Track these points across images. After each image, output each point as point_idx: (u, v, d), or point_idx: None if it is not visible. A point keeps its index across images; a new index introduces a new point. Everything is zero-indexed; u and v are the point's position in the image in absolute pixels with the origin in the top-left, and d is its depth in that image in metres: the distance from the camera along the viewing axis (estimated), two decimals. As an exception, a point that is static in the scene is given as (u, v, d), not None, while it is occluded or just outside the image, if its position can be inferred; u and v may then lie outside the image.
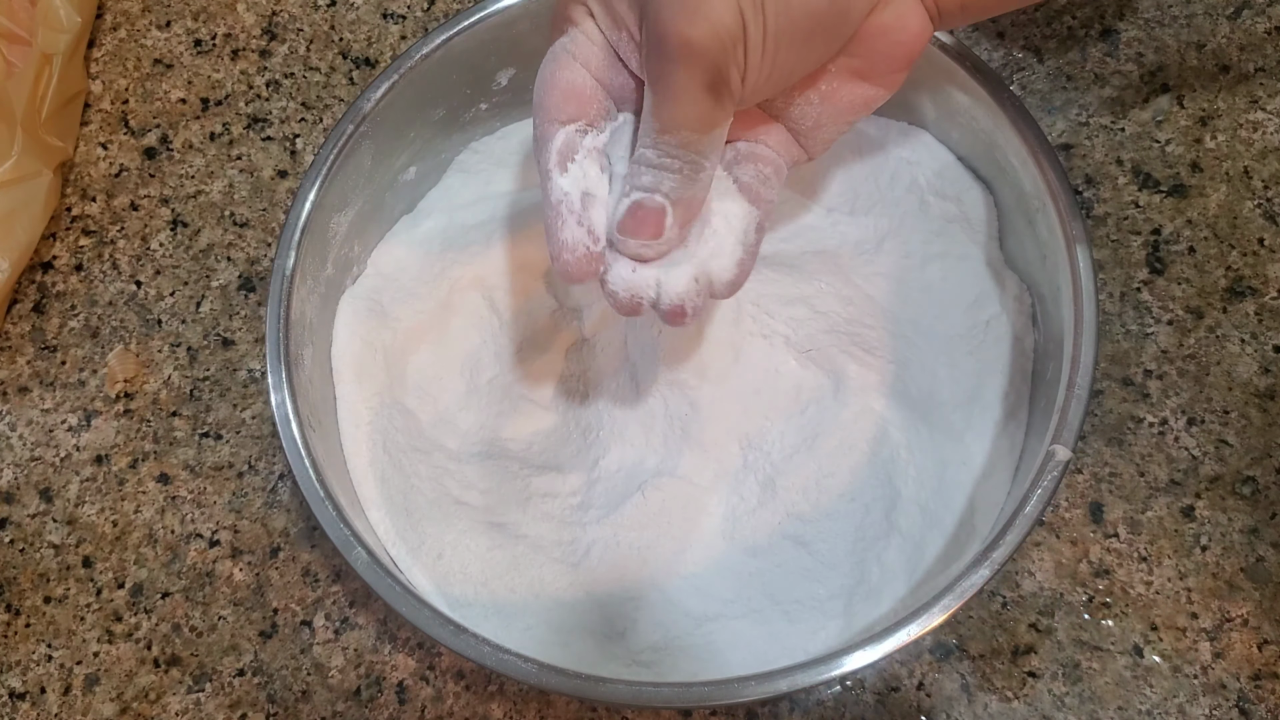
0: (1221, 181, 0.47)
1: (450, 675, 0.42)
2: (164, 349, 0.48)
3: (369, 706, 0.42)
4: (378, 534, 0.42)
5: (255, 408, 0.47)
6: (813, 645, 0.39)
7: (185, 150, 0.51)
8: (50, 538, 0.45)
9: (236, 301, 0.48)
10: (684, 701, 0.36)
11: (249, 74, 0.52)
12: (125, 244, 0.50)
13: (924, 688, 0.41)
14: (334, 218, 0.43)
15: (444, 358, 0.45)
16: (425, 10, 0.53)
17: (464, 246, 0.46)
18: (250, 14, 0.53)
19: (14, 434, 0.47)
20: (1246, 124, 0.48)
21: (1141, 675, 0.41)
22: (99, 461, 0.46)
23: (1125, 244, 0.46)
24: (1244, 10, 0.49)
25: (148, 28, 0.54)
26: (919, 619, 0.35)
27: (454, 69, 0.44)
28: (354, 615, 0.43)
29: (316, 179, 0.41)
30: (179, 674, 0.43)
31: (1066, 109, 0.48)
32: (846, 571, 0.40)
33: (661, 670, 0.40)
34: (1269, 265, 0.46)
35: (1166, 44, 0.49)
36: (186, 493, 0.46)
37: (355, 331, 0.44)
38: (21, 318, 0.49)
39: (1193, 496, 0.43)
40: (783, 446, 0.42)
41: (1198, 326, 0.45)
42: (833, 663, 0.35)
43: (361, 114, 0.42)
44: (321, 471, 0.39)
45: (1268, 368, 0.44)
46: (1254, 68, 0.48)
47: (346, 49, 0.52)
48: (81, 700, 0.43)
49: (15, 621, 0.44)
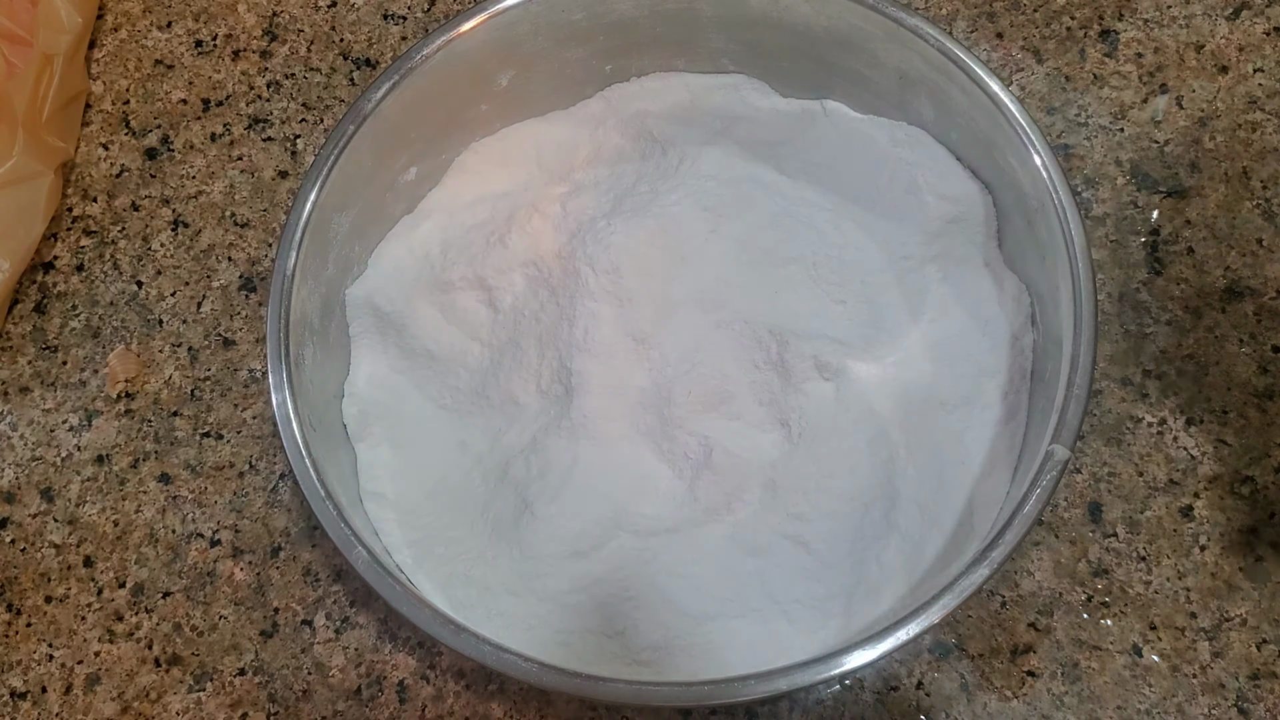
0: (1220, 182, 0.47)
1: (451, 674, 0.42)
2: (165, 349, 0.48)
3: (370, 706, 0.42)
4: (380, 536, 0.42)
5: (256, 407, 0.47)
6: (812, 644, 0.39)
7: (186, 151, 0.51)
8: (51, 537, 0.45)
9: (237, 301, 0.48)
10: (684, 700, 0.36)
11: (250, 75, 0.52)
12: (126, 244, 0.50)
13: (923, 687, 0.41)
14: (335, 218, 0.43)
15: (443, 360, 0.45)
16: (426, 11, 0.53)
17: (464, 247, 0.46)
18: (251, 15, 0.54)
19: (15, 434, 0.47)
20: (1245, 124, 0.48)
21: (1140, 675, 0.41)
22: (100, 461, 0.46)
23: (1124, 244, 0.46)
24: (1243, 11, 0.49)
25: (149, 28, 0.54)
26: (918, 618, 0.35)
27: (454, 70, 0.44)
28: (355, 615, 0.43)
29: (317, 179, 0.41)
30: (180, 673, 0.43)
31: (1065, 109, 0.49)
32: (846, 571, 0.40)
33: (661, 669, 0.40)
34: (1267, 265, 0.46)
35: (1165, 44, 0.49)
36: (187, 492, 0.46)
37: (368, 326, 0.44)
38: (23, 318, 0.49)
39: (1191, 496, 0.43)
40: (783, 446, 0.42)
41: (1196, 326, 0.45)
42: (832, 662, 0.35)
43: (362, 115, 0.42)
44: (322, 471, 0.39)
45: (1266, 367, 0.44)
46: (1252, 68, 0.49)
47: (347, 50, 0.53)
48: (83, 700, 0.43)
49: (16, 621, 0.44)
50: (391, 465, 0.44)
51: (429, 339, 0.45)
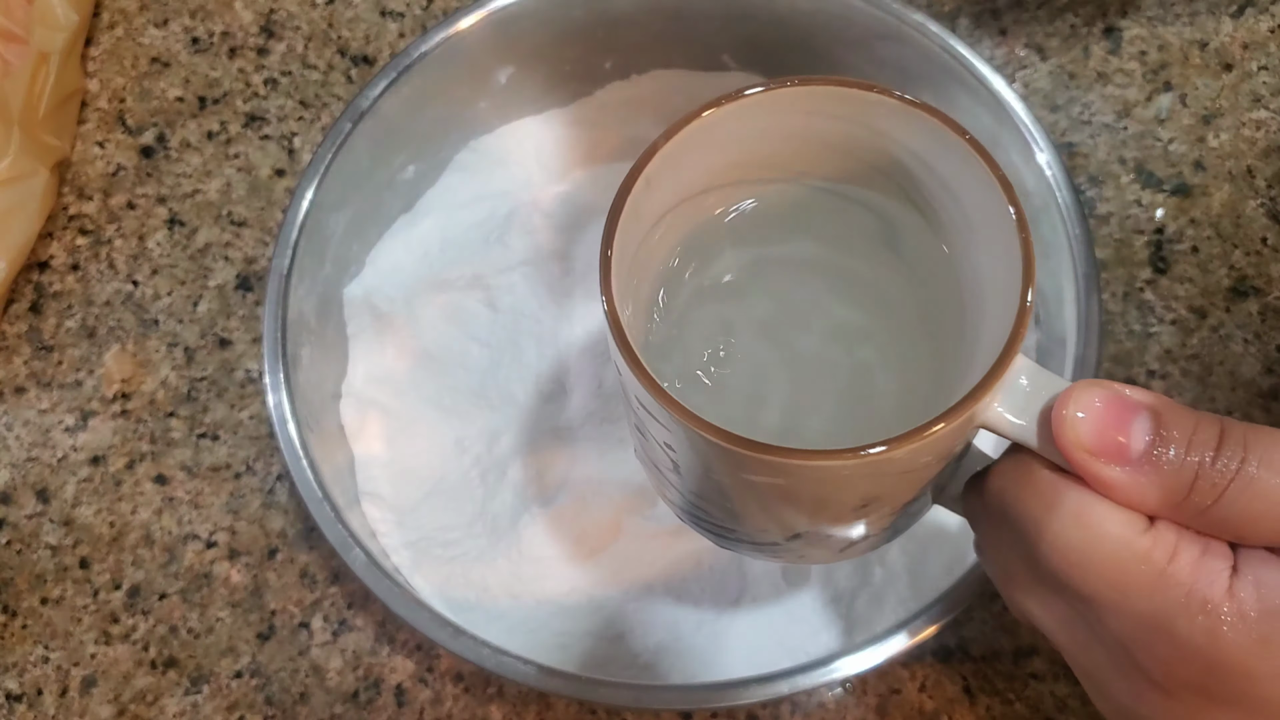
0: (1225, 180, 0.47)
1: (449, 677, 0.42)
2: (161, 349, 0.48)
3: (367, 709, 0.42)
4: (378, 537, 0.42)
5: (253, 408, 0.46)
6: (814, 647, 0.39)
7: (182, 149, 0.51)
8: (47, 539, 0.45)
9: (234, 301, 0.48)
10: (685, 704, 0.36)
11: (246, 72, 0.52)
12: (122, 243, 0.49)
13: (926, 690, 0.41)
14: (332, 217, 0.43)
15: (441, 360, 0.44)
16: (424, 8, 0.53)
17: (463, 246, 0.46)
18: (248, 11, 0.53)
19: (10, 434, 0.47)
20: (1250, 123, 0.47)
21: (1144, 677, 0.41)
22: (96, 462, 0.46)
23: (1128, 243, 0.46)
24: (1247, 8, 0.49)
25: (145, 26, 0.53)
26: (921, 621, 0.35)
27: (453, 67, 0.44)
28: (352, 617, 0.43)
29: (314, 178, 0.41)
30: (176, 676, 0.43)
31: (1069, 107, 0.48)
32: (849, 573, 0.40)
33: (662, 672, 0.40)
34: (1272, 264, 0.45)
35: (1170, 42, 0.49)
36: (183, 494, 0.45)
37: (367, 324, 0.44)
38: (18, 318, 0.49)
39: (1196, 497, 0.43)
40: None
41: (1201, 326, 0.45)
42: (834, 665, 0.35)
43: (360, 112, 0.42)
44: (319, 472, 0.38)
45: (1271, 368, 0.44)
46: (1257, 66, 0.48)
47: (344, 47, 0.52)
48: (79, 702, 0.43)
49: (12, 623, 0.44)
50: (389, 466, 0.43)
51: (427, 339, 0.45)
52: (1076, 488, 0.24)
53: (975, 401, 0.24)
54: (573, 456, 0.43)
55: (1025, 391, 0.25)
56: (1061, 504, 0.24)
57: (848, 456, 0.24)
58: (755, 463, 0.25)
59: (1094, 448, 0.24)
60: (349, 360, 0.45)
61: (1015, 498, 0.26)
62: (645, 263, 0.30)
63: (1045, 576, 0.25)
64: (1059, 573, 0.25)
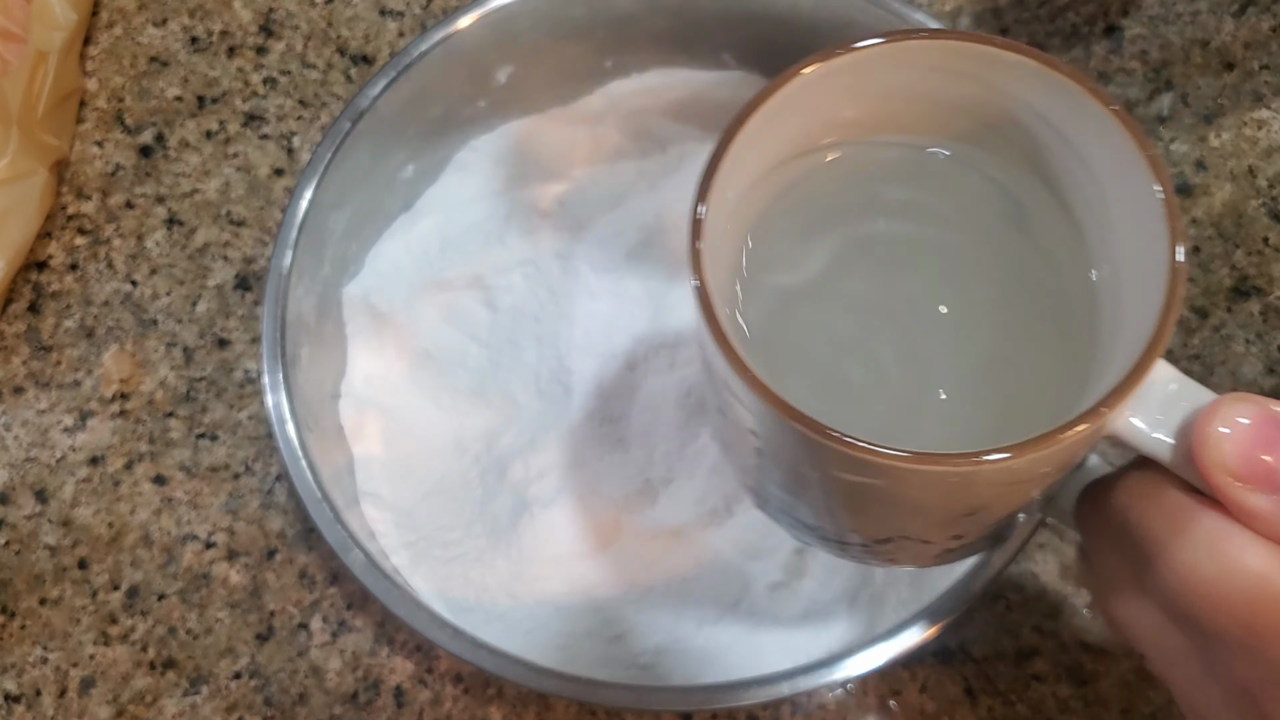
0: (1226, 180, 0.47)
1: (448, 678, 0.42)
2: (159, 349, 0.47)
3: (366, 710, 0.42)
4: (377, 537, 0.41)
5: (252, 408, 0.46)
6: (815, 648, 0.39)
7: (181, 148, 0.51)
8: (46, 539, 0.45)
9: (233, 301, 0.48)
10: (685, 705, 0.35)
11: (245, 71, 0.52)
12: (121, 243, 0.49)
13: (927, 691, 0.41)
14: (331, 216, 0.42)
15: (441, 360, 0.44)
16: (424, 7, 0.52)
17: (462, 245, 0.45)
18: (247, 10, 0.53)
19: (9, 434, 0.47)
20: (1251, 122, 0.47)
21: (1146, 678, 0.41)
22: (94, 463, 0.46)
23: (1129, 243, 0.46)
24: (1249, 8, 0.49)
25: (143, 25, 0.53)
26: (922, 622, 0.35)
27: (452, 66, 0.44)
28: (351, 618, 0.43)
29: (313, 177, 0.41)
30: (175, 676, 0.43)
31: (1070, 107, 0.48)
32: (850, 574, 0.40)
33: (662, 673, 0.40)
34: (1274, 264, 0.45)
35: (1171, 41, 0.49)
36: (182, 494, 0.45)
37: (365, 325, 0.44)
38: (16, 318, 0.48)
39: (1198, 497, 0.43)
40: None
41: (1203, 326, 0.45)
42: (835, 666, 0.35)
43: (359, 111, 0.42)
44: (318, 473, 0.38)
45: (1273, 368, 0.44)
46: (1259, 65, 0.48)
47: (344, 46, 0.52)
48: (77, 703, 0.43)
49: (10, 624, 0.44)
50: (388, 466, 0.43)
51: (426, 339, 0.45)
52: (1212, 513, 0.22)
53: (1110, 409, 0.22)
54: (573, 456, 0.43)
55: (1163, 401, 0.23)
56: (1193, 530, 0.22)
57: (961, 463, 0.22)
58: (853, 461, 0.22)
59: (1238, 471, 0.21)
60: (348, 360, 0.45)
61: (1141, 517, 0.23)
62: (733, 236, 0.27)
63: (1165, 604, 0.23)
64: (1184, 605, 0.22)
